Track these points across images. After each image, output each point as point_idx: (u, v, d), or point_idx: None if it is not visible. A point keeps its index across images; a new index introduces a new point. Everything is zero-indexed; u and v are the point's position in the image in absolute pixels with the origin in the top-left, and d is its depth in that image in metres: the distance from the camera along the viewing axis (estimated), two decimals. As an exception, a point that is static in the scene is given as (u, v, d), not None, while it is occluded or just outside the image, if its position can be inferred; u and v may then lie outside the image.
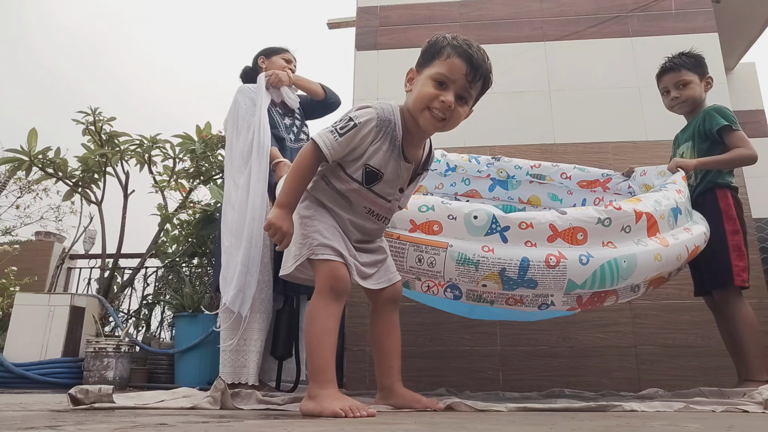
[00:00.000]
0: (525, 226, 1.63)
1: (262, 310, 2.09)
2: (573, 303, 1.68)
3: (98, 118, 3.98)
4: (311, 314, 1.37)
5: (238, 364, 2.05)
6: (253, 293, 2.03)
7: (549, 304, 1.67)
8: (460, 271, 1.59)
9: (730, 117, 2.10)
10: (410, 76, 1.49)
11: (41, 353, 3.05)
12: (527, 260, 1.58)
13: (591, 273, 1.59)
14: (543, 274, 1.58)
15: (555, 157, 2.90)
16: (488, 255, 1.59)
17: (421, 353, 2.58)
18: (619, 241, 1.68)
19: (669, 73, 2.23)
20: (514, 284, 1.59)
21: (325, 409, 1.22)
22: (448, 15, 3.28)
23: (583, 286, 1.60)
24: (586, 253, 1.61)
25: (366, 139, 1.41)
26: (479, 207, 1.69)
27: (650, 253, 1.68)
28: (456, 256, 1.59)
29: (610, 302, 1.76)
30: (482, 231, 1.63)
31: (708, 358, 2.47)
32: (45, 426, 0.92)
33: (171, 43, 31.96)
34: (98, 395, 1.36)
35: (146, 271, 4.35)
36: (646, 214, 1.75)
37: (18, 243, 5.07)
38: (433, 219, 1.67)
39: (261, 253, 2.06)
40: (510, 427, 1.00)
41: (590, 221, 1.67)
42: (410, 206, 1.72)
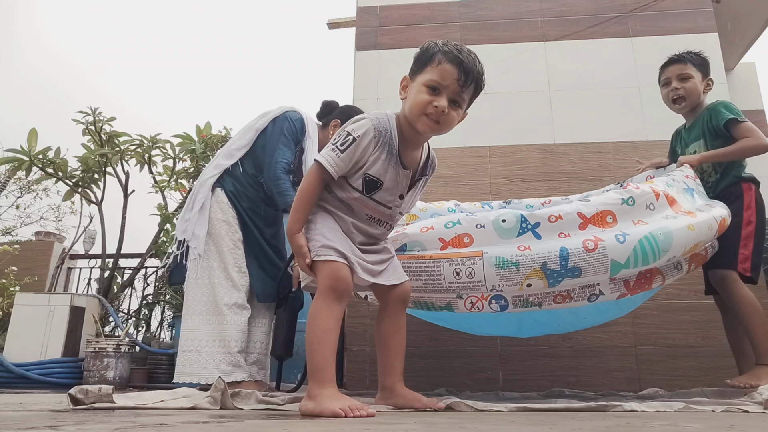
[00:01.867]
0: (554, 219, 1.65)
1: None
2: (621, 289, 1.66)
3: (98, 118, 3.98)
4: (312, 314, 1.38)
5: (199, 364, 2.09)
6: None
7: (597, 294, 1.65)
8: (502, 275, 1.58)
9: (735, 110, 2.09)
10: (404, 84, 1.52)
11: (41, 353, 3.05)
12: (566, 249, 1.57)
13: (631, 249, 1.57)
14: (585, 259, 1.56)
15: (555, 157, 2.90)
16: (526, 253, 1.58)
17: (421, 353, 2.58)
18: (648, 218, 1.69)
19: (675, 63, 2.22)
20: (558, 276, 1.57)
21: (324, 408, 1.22)
22: (448, 15, 3.28)
23: (627, 265, 1.58)
24: (621, 233, 1.60)
25: (366, 151, 1.45)
26: (505, 211, 1.70)
27: (683, 225, 1.67)
28: (494, 261, 1.59)
29: (657, 283, 1.73)
30: (513, 232, 1.65)
31: (708, 358, 2.46)
32: (45, 426, 0.92)
33: (171, 44, 31.95)
34: (98, 395, 1.36)
35: (146, 271, 4.35)
36: (663, 193, 1.76)
37: (18, 243, 5.08)
38: (462, 232, 1.68)
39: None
40: (510, 427, 1.00)
41: (615, 203, 1.68)
42: (436, 225, 1.73)
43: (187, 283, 2.21)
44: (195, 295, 2.18)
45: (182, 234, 2.28)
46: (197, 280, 2.19)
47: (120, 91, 22.41)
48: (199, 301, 2.17)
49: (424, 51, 1.48)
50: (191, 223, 2.24)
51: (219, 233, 2.23)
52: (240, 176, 2.31)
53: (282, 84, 39.06)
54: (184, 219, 2.30)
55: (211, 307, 2.15)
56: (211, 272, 2.19)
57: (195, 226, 2.23)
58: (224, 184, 2.29)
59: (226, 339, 2.11)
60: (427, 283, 1.66)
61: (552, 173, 2.88)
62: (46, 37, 24.46)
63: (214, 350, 2.11)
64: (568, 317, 1.92)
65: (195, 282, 2.19)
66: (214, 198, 2.27)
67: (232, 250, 2.23)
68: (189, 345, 2.12)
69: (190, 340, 2.13)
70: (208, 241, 2.23)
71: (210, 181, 2.29)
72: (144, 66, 29.12)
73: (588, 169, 2.86)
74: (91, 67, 24.46)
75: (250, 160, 2.33)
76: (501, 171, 2.92)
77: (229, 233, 2.24)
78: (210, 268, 2.20)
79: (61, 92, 21.62)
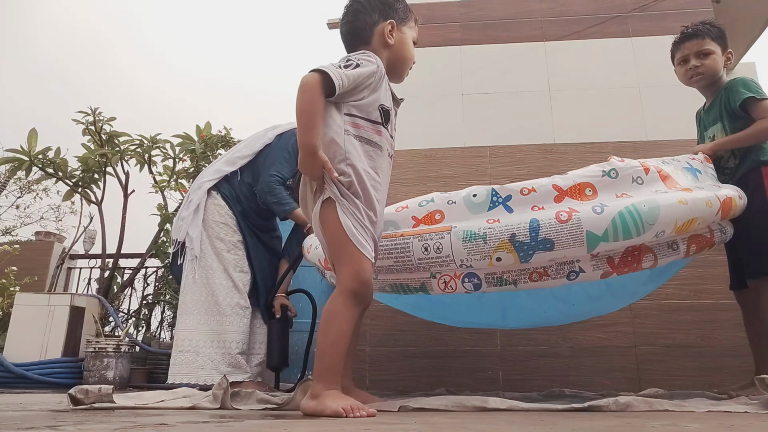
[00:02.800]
0: (527, 191, 1.58)
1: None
2: (605, 266, 1.54)
3: (98, 118, 3.98)
4: (331, 314, 1.35)
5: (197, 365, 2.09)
6: None
7: (577, 271, 1.53)
8: (469, 248, 1.51)
9: (753, 87, 1.92)
10: (391, 29, 1.59)
11: (41, 353, 3.05)
12: (537, 221, 1.48)
13: (610, 221, 1.46)
14: (557, 230, 1.46)
15: (555, 157, 2.90)
16: (494, 225, 1.51)
17: (421, 353, 2.58)
18: (633, 191, 1.57)
19: (691, 39, 2.03)
20: (529, 249, 1.47)
21: (326, 408, 1.22)
22: (448, 15, 3.28)
23: (605, 237, 1.46)
24: (599, 204, 1.50)
25: (373, 81, 1.48)
26: (479, 187, 1.65)
27: (673, 198, 1.53)
28: (461, 234, 1.52)
29: (648, 263, 1.58)
30: (484, 207, 1.59)
31: (708, 358, 2.46)
32: (45, 426, 0.92)
33: (171, 44, 31.94)
34: (98, 395, 1.36)
35: (146, 271, 4.35)
36: (655, 167, 1.64)
37: (18, 243, 5.07)
38: (434, 209, 1.64)
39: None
40: (510, 427, 1.00)
41: (595, 175, 1.59)
42: (411, 204, 1.70)
43: (183, 283, 2.21)
44: (193, 295, 2.17)
45: (176, 233, 2.28)
46: (194, 281, 2.18)
47: (120, 91, 22.43)
48: (197, 302, 2.16)
49: (404, 1, 1.64)
50: (185, 223, 2.24)
51: (218, 234, 2.23)
52: (236, 184, 2.31)
53: (282, 84, 39.06)
54: (179, 218, 2.31)
55: (209, 307, 2.15)
56: (210, 273, 2.18)
57: (189, 226, 2.22)
58: (221, 188, 2.29)
59: (226, 340, 2.11)
60: (398, 260, 1.61)
61: (552, 173, 2.85)
62: (47, 37, 24.46)
63: (213, 351, 2.10)
64: (554, 302, 1.80)
65: (192, 282, 2.18)
66: (210, 200, 2.27)
67: (232, 251, 2.23)
68: (186, 345, 2.11)
69: (187, 340, 2.12)
70: (207, 242, 2.22)
71: (207, 184, 2.28)
72: (144, 66, 29.12)
73: (588, 169, 2.86)
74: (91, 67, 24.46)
75: (250, 170, 2.33)
76: (501, 171, 2.91)
77: (228, 234, 2.24)
78: (208, 268, 2.19)
79: (61, 92, 21.62)
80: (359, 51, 1.53)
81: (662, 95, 2.86)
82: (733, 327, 2.42)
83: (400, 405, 1.41)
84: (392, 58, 1.59)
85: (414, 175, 2.94)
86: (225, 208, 2.26)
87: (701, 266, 2.53)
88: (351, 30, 1.59)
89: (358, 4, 1.60)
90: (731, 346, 2.44)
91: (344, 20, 1.61)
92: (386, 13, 1.58)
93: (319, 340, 1.35)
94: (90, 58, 25.40)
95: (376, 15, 1.57)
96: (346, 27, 1.61)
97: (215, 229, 2.24)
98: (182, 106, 28.09)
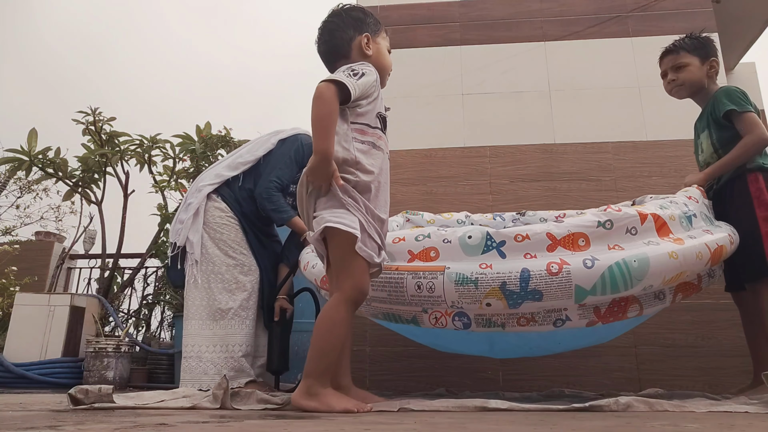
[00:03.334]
0: (521, 239, 1.59)
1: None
2: (591, 316, 1.59)
3: (98, 118, 3.98)
4: (333, 321, 1.41)
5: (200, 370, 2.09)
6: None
7: (564, 319, 1.58)
8: (460, 292, 1.54)
9: (736, 98, 1.99)
10: (367, 41, 1.66)
11: (41, 353, 3.05)
12: (527, 271, 1.51)
13: (599, 276, 1.49)
14: (546, 282, 1.49)
15: (555, 157, 2.90)
16: (486, 271, 1.54)
17: (421, 353, 2.58)
18: (626, 243, 1.59)
19: (668, 55, 2.17)
20: (518, 298, 1.52)
21: (334, 406, 1.30)
22: (448, 15, 3.28)
23: (594, 291, 1.50)
24: (590, 257, 1.52)
25: (375, 90, 1.58)
26: (474, 228, 1.67)
27: (663, 252, 1.55)
28: (454, 276, 1.55)
29: (634, 313, 1.63)
30: (478, 250, 1.60)
31: (708, 358, 2.46)
32: (45, 426, 0.92)
33: (171, 44, 31.95)
34: (98, 395, 1.36)
35: (146, 271, 4.35)
36: (652, 215, 1.65)
37: (18, 243, 5.07)
38: (430, 246, 1.66)
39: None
40: (510, 426, 1.01)
41: (590, 225, 1.60)
42: (407, 237, 1.72)
43: (186, 288, 2.21)
44: (195, 299, 2.17)
45: (175, 237, 2.26)
46: (195, 285, 2.17)
47: (120, 91, 22.43)
48: (199, 306, 2.15)
49: (374, 17, 1.71)
50: (185, 227, 2.22)
51: (221, 236, 2.22)
52: (237, 189, 2.30)
53: (282, 84, 39.08)
54: (178, 221, 2.29)
55: (211, 311, 2.14)
56: (212, 276, 2.17)
57: (189, 231, 2.21)
58: (221, 192, 2.28)
59: (229, 344, 2.10)
60: (391, 294, 1.64)
61: (552, 173, 2.88)
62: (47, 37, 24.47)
63: (215, 355, 2.09)
64: (540, 341, 1.83)
65: (194, 287, 2.18)
66: (210, 203, 2.26)
67: (237, 251, 2.21)
68: (189, 351, 2.12)
69: (190, 346, 2.12)
70: (210, 245, 2.21)
71: (207, 188, 2.27)
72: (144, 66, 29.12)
73: (588, 169, 2.86)
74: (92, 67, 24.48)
75: (251, 176, 2.32)
76: (501, 171, 2.92)
77: (232, 234, 2.23)
78: (210, 272, 2.18)
79: (61, 92, 21.64)
80: (346, 66, 1.57)
81: (662, 95, 2.84)
82: (732, 327, 2.42)
83: (400, 405, 1.41)
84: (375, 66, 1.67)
85: (414, 175, 2.94)
86: (227, 209, 2.25)
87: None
88: (330, 48, 1.67)
89: (332, 23, 1.67)
90: (731, 346, 2.44)
91: (321, 39, 1.69)
92: (360, 28, 1.67)
93: (319, 343, 1.40)
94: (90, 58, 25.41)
95: (351, 31, 1.66)
96: (324, 46, 1.68)
97: (218, 231, 2.22)
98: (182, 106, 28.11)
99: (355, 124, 1.52)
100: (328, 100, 1.43)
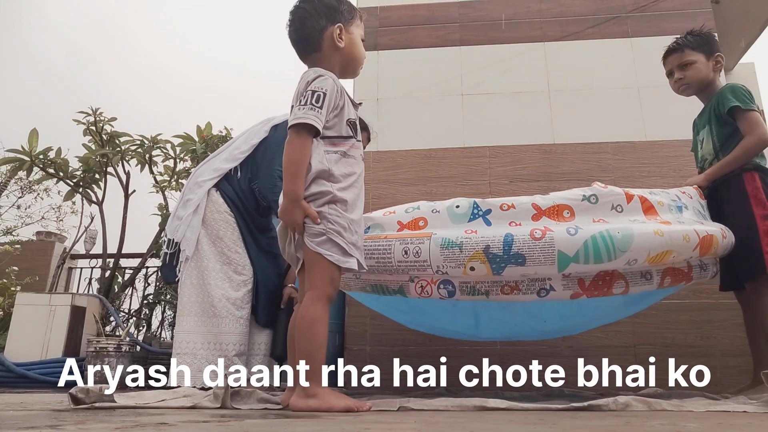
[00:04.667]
0: (507, 207, 1.65)
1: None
2: (575, 287, 1.59)
3: (99, 119, 3.99)
4: (314, 319, 1.42)
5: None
6: None
7: (548, 289, 1.60)
8: (445, 255, 1.58)
9: (741, 95, 1.97)
10: (339, 32, 1.61)
11: (42, 353, 3.06)
12: (511, 236, 1.55)
13: (582, 243, 1.51)
14: (529, 246, 1.52)
15: (554, 157, 2.91)
16: (471, 236, 1.59)
17: (421, 353, 2.59)
18: (611, 218, 1.62)
19: (673, 54, 2.15)
20: (501, 261, 1.54)
21: (335, 405, 1.31)
22: (448, 15, 3.28)
23: (576, 258, 1.51)
24: (574, 226, 1.55)
25: (337, 99, 1.54)
26: (462, 198, 1.72)
27: (648, 228, 1.56)
28: (440, 241, 1.60)
29: (620, 289, 1.63)
30: (465, 218, 1.66)
31: (708, 358, 2.46)
32: (46, 425, 0.93)
33: (171, 44, 31.96)
34: (99, 395, 1.36)
35: (147, 270, 4.35)
36: (639, 197, 1.68)
37: (19, 243, 5.09)
38: (419, 216, 1.72)
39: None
40: (510, 426, 1.01)
41: (575, 199, 1.65)
42: (398, 210, 1.77)
43: (180, 285, 2.20)
44: (190, 296, 2.16)
45: (172, 233, 2.24)
46: (190, 283, 2.16)
47: (120, 91, 22.44)
48: (194, 303, 2.14)
49: (350, 4, 1.67)
50: (183, 224, 2.21)
51: (218, 233, 2.21)
52: (236, 182, 2.28)
53: (282, 84, 39.03)
54: (176, 217, 2.26)
55: (205, 309, 2.13)
56: (206, 273, 2.16)
57: (187, 228, 2.19)
58: (221, 187, 2.27)
59: (222, 342, 2.09)
60: (379, 261, 1.69)
61: (551, 173, 2.89)
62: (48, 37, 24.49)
63: (209, 353, 2.09)
64: (526, 318, 1.86)
65: (189, 284, 2.17)
66: (209, 199, 2.24)
67: (233, 249, 2.21)
68: (184, 347, 2.10)
69: (185, 342, 2.11)
70: (207, 242, 2.20)
71: (207, 183, 2.25)
72: (145, 66, 29.15)
73: (587, 170, 2.87)
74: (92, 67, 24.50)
75: (248, 165, 2.31)
76: (501, 171, 2.92)
77: (228, 232, 2.22)
78: (204, 269, 2.17)
79: (62, 92, 21.64)
80: (306, 88, 1.53)
81: (661, 95, 2.86)
82: (732, 327, 2.42)
83: (400, 404, 1.42)
84: (344, 60, 1.65)
85: (414, 175, 2.95)
86: (224, 206, 2.24)
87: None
88: (301, 38, 1.63)
89: (303, 10, 1.62)
90: (730, 346, 2.44)
91: (292, 27, 1.65)
92: (333, 17, 1.61)
93: (304, 344, 1.42)
94: (91, 59, 25.42)
95: (323, 20, 1.60)
96: (295, 34, 1.65)
97: (215, 228, 2.21)
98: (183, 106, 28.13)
99: (325, 139, 1.52)
100: (298, 147, 1.46)
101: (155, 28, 30.02)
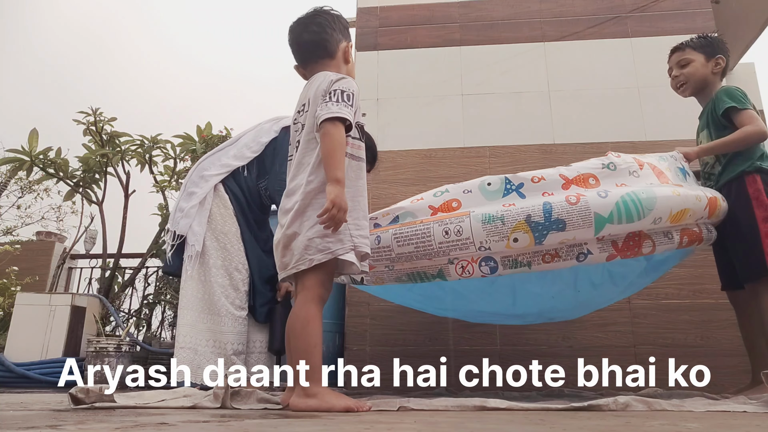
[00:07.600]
0: (537, 180, 1.74)
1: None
2: (610, 249, 1.69)
3: (99, 119, 3.99)
4: (307, 320, 1.45)
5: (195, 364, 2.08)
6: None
7: (586, 253, 1.68)
8: (488, 230, 1.64)
9: (736, 97, 2.00)
10: (348, 49, 1.72)
11: (42, 353, 3.06)
12: (549, 204, 1.63)
13: (614, 204, 1.61)
14: (567, 211, 1.61)
15: (554, 157, 2.91)
16: (510, 208, 1.66)
17: (421, 353, 2.59)
18: (631, 182, 1.74)
19: (674, 53, 2.20)
20: (543, 229, 1.62)
21: (335, 404, 1.32)
22: (448, 15, 3.28)
23: (611, 219, 1.61)
24: (603, 191, 1.66)
25: (358, 101, 1.62)
26: (491, 176, 1.79)
27: (667, 189, 1.70)
28: (480, 217, 1.66)
29: (647, 249, 1.72)
30: (499, 194, 1.74)
31: (707, 358, 2.47)
32: (46, 425, 0.93)
33: (172, 44, 31.97)
34: (99, 395, 1.36)
35: (147, 270, 4.36)
36: (649, 164, 1.79)
37: (19, 243, 5.09)
38: (450, 198, 1.79)
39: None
40: (510, 426, 1.01)
41: (596, 167, 1.76)
42: (426, 196, 1.84)
43: (183, 279, 2.19)
44: (194, 291, 2.15)
45: (174, 225, 2.22)
46: (193, 277, 2.15)
47: (121, 91, 22.44)
48: (196, 298, 2.14)
49: (346, 23, 1.74)
50: (186, 216, 2.19)
51: (222, 228, 2.20)
52: (243, 180, 2.28)
53: (282, 84, 39.06)
54: (179, 209, 2.24)
55: (206, 305, 2.12)
56: (208, 270, 2.16)
57: (194, 221, 2.18)
58: (227, 183, 2.26)
59: (220, 340, 2.09)
60: (419, 246, 1.73)
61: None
62: (48, 37, 24.49)
63: (209, 350, 2.09)
64: (562, 287, 1.91)
65: (191, 278, 2.15)
66: (216, 194, 2.24)
67: (234, 247, 2.21)
68: (187, 341, 2.08)
69: (189, 336, 2.09)
70: (208, 237, 2.19)
71: (215, 178, 2.24)
72: (146, 66, 29.15)
73: (588, 170, 2.86)
74: (93, 67, 24.50)
75: (256, 165, 2.30)
76: (501, 171, 2.90)
77: (231, 230, 2.22)
78: (208, 265, 2.16)
79: (62, 92, 21.64)
80: (338, 87, 1.57)
81: (661, 95, 2.87)
82: (731, 327, 2.42)
83: (400, 404, 1.42)
84: (347, 74, 1.71)
85: (413, 175, 2.95)
86: (226, 201, 2.23)
87: (700, 266, 2.54)
88: (318, 40, 1.68)
89: (324, 19, 1.69)
90: (730, 346, 2.45)
91: (308, 29, 1.69)
92: (346, 36, 1.73)
93: (299, 345, 1.44)
94: (91, 59, 25.44)
95: (339, 34, 1.71)
96: (310, 36, 1.68)
97: (219, 223, 2.21)
98: (183, 106, 28.14)
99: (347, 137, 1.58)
100: (338, 137, 1.50)
101: (156, 28, 30.03)
